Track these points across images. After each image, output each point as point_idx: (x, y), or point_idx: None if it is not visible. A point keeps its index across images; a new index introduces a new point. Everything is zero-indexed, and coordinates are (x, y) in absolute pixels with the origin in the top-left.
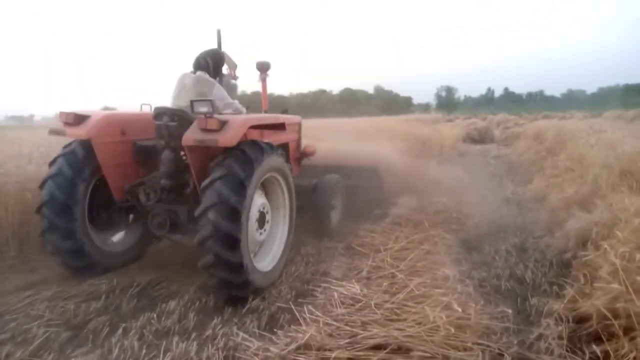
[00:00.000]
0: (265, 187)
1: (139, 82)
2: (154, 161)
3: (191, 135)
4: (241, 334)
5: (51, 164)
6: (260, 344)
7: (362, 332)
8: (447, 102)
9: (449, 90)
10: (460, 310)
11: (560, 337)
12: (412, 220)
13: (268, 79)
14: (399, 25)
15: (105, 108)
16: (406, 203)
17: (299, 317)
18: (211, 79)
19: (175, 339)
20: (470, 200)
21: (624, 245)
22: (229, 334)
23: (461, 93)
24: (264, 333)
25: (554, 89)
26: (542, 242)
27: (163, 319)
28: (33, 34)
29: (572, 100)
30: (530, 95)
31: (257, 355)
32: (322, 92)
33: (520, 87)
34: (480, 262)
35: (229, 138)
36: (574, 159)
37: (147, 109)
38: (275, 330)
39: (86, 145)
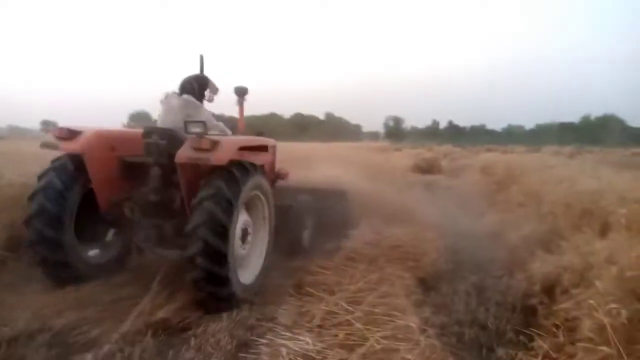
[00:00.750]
0: (247, 205)
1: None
2: (141, 177)
3: (184, 153)
4: None
5: (41, 177)
6: None
7: None
8: (395, 131)
9: (397, 120)
10: None
11: None
12: (367, 256)
13: (244, 102)
14: (349, 51)
15: (44, 122)
16: (360, 236)
17: None
18: (198, 102)
19: None
20: (425, 234)
21: (605, 297)
22: None
23: (408, 123)
24: None
25: (495, 124)
26: (501, 282)
27: None
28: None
29: (512, 135)
30: (473, 128)
31: None
32: (274, 115)
33: (464, 120)
34: (440, 305)
35: (220, 157)
36: (527, 194)
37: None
38: None
39: (76, 159)
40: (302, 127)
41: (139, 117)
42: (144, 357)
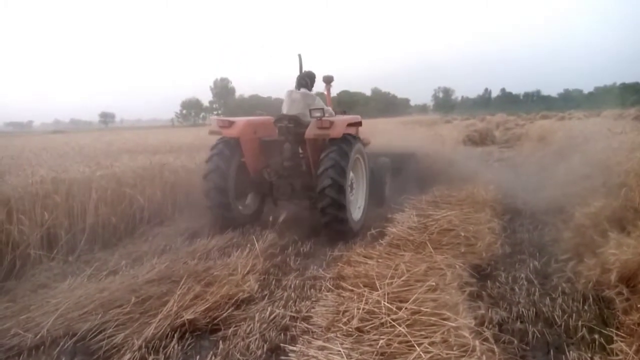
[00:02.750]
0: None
1: (136, 91)
2: (274, 151)
3: (311, 131)
4: None
5: (208, 160)
6: None
7: None
8: (445, 103)
9: (446, 91)
10: None
11: None
12: (413, 242)
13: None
14: (396, 25)
15: (103, 114)
16: (406, 220)
17: None
18: (312, 94)
19: None
20: (477, 215)
21: None
22: None
23: (458, 94)
24: None
25: (551, 89)
26: (568, 268)
27: None
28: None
29: (569, 100)
30: (527, 95)
31: None
32: (320, 95)
33: (517, 88)
34: (498, 297)
35: (336, 133)
36: (593, 164)
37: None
38: None
39: (231, 142)
40: (349, 104)
41: (190, 104)
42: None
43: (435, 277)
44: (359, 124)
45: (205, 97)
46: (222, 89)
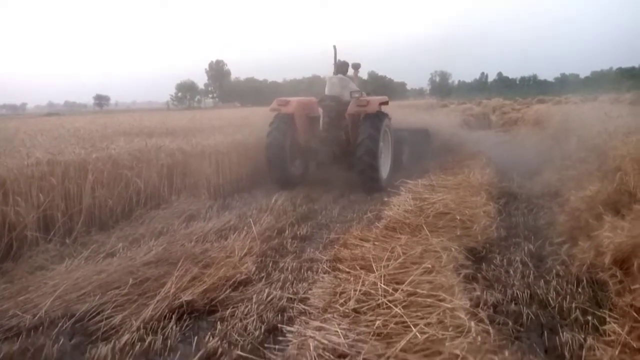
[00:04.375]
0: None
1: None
2: (318, 125)
3: (352, 109)
4: None
5: (268, 134)
6: None
7: None
8: (441, 87)
9: (443, 75)
10: None
11: None
12: (409, 225)
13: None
14: (393, 8)
15: (97, 97)
16: (402, 203)
17: None
18: (347, 78)
19: None
20: (473, 198)
21: None
22: None
23: (455, 78)
24: None
25: (547, 74)
26: (562, 251)
27: None
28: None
29: (566, 84)
30: (523, 79)
31: None
32: (317, 78)
33: (514, 72)
34: (493, 279)
35: (372, 109)
36: (589, 149)
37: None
38: None
39: (286, 118)
40: None
41: (185, 87)
42: (166, 345)
43: (431, 259)
44: (387, 102)
45: (201, 80)
46: (218, 72)
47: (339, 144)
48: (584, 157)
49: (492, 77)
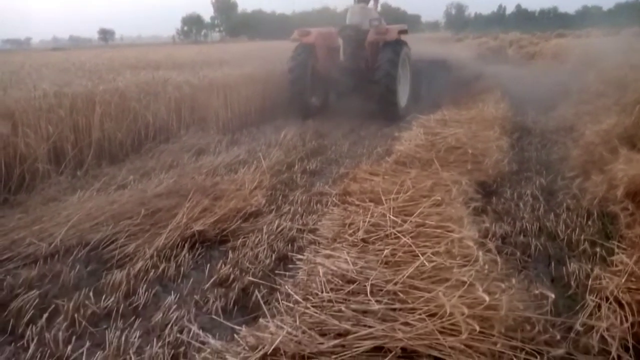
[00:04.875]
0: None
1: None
2: (337, 55)
3: (372, 36)
4: (194, 328)
5: (291, 59)
6: (217, 346)
7: (353, 329)
8: (457, 20)
9: (459, 8)
10: (485, 296)
11: (622, 332)
12: (420, 160)
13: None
14: None
15: (102, 31)
16: (413, 138)
17: (266, 310)
18: (369, 7)
19: (114, 326)
20: (486, 132)
21: None
22: (184, 318)
23: (471, 10)
24: (225, 322)
25: (568, 6)
26: (574, 185)
27: (105, 296)
28: None
29: (587, 17)
30: (543, 12)
31: None
32: (326, 9)
33: (533, 4)
34: (503, 212)
35: (391, 37)
36: (608, 82)
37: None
38: (241, 317)
39: (308, 47)
40: None
41: (190, 20)
42: (179, 271)
43: (440, 192)
44: (406, 31)
45: (207, 13)
46: (224, 4)
47: (359, 74)
48: (602, 90)
49: (510, 9)
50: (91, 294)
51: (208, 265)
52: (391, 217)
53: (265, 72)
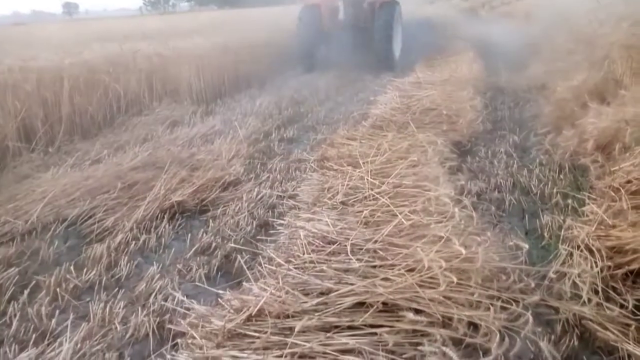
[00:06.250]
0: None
1: None
2: (339, 15)
3: None
4: (178, 295)
5: (299, 19)
6: (202, 311)
7: (335, 287)
8: None
9: None
10: (462, 250)
11: (592, 277)
12: (396, 123)
13: None
14: None
15: (66, 4)
16: (388, 101)
17: (249, 274)
18: None
19: (97, 298)
20: (460, 93)
21: None
22: (168, 287)
23: None
24: (209, 288)
25: None
26: (546, 141)
27: (86, 270)
28: None
29: None
30: None
31: (195, 327)
32: None
33: None
34: (478, 170)
35: None
36: (578, 39)
37: None
38: (224, 283)
39: (314, 8)
40: None
41: None
42: (160, 242)
43: (417, 153)
44: None
45: None
46: None
47: (359, 30)
48: (573, 48)
49: None
50: (72, 268)
51: (189, 234)
52: (369, 179)
53: (236, 40)
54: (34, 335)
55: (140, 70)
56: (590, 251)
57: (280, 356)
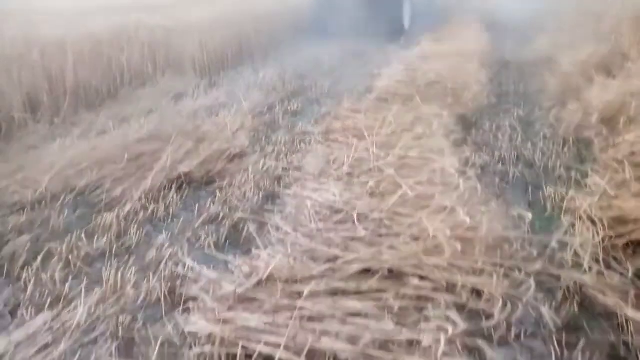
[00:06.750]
0: None
1: None
2: None
3: None
4: (189, 262)
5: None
6: (213, 277)
7: (342, 254)
8: None
9: None
10: (466, 219)
11: (594, 246)
12: (401, 96)
13: None
14: None
15: None
16: (394, 74)
17: (258, 241)
18: None
19: (109, 265)
20: (466, 66)
21: None
22: (178, 255)
23: None
24: (218, 256)
25: None
26: (551, 114)
27: (97, 238)
28: None
29: None
30: None
31: (206, 292)
32: None
33: None
34: (482, 143)
35: None
36: (585, 13)
37: None
38: (234, 253)
39: None
40: None
41: None
42: (169, 212)
43: (422, 126)
44: None
45: None
46: None
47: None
48: (580, 22)
49: None
50: (83, 236)
51: (197, 205)
52: (374, 151)
53: (240, 11)
54: (49, 299)
55: (143, 43)
56: (593, 222)
57: (290, 318)
